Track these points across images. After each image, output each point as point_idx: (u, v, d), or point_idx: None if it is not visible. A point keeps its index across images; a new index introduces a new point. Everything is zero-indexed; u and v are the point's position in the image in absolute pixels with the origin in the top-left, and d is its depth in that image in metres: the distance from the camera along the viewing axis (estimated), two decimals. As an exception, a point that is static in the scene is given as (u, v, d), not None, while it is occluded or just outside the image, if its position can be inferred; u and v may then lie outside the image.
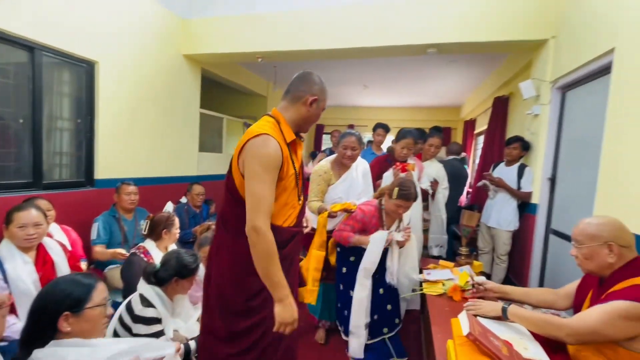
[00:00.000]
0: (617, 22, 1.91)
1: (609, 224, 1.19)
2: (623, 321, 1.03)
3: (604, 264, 1.18)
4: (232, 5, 3.70)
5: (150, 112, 3.49)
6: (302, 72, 1.31)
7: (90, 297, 1.03)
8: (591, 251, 1.19)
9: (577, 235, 1.24)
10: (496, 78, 4.64)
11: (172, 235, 2.01)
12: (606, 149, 1.92)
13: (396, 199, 1.82)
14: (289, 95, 1.28)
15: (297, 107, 1.26)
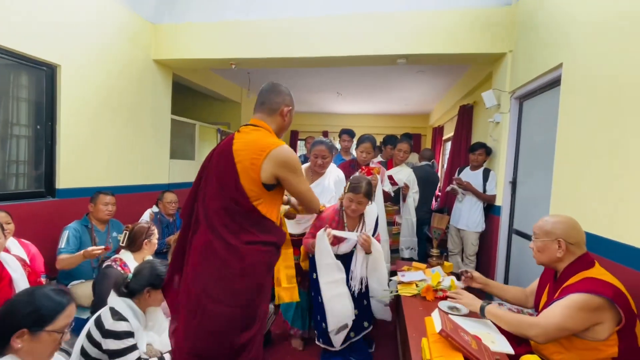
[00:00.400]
0: (565, 40, 2.11)
1: (563, 223, 1.31)
2: (582, 313, 1.12)
3: (553, 257, 1.30)
4: (205, 11, 3.67)
5: (118, 117, 3.36)
6: (270, 84, 1.40)
7: (54, 319, 0.97)
8: (544, 245, 1.31)
9: (536, 230, 1.37)
10: (461, 88, 4.92)
11: (152, 246, 1.95)
12: (558, 154, 2.10)
13: (347, 192, 1.88)
14: (265, 107, 1.37)
15: (275, 118, 1.37)
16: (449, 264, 2.15)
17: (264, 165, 1.23)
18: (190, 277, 1.27)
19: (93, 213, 2.49)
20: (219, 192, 1.27)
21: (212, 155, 1.37)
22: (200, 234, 1.28)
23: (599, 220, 1.65)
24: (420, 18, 3.17)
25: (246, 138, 1.30)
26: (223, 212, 1.25)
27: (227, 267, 1.23)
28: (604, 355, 1.12)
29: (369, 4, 3.30)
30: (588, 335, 1.15)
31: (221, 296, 1.23)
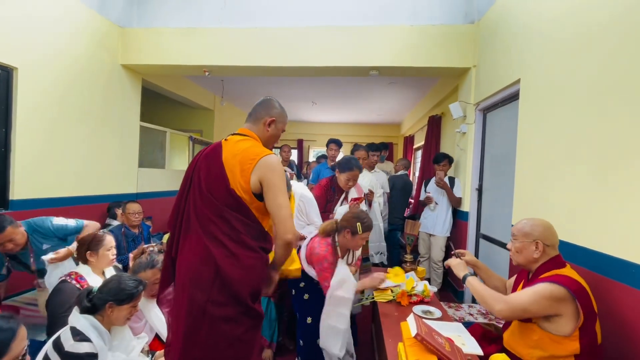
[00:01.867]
0: (522, 57, 2.29)
1: (540, 226, 1.38)
2: (545, 300, 1.20)
3: (530, 258, 1.37)
4: (176, 17, 3.61)
5: (82, 124, 3.18)
6: (264, 98, 1.47)
7: (8, 349, 0.90)
8: (522, 246, 1.38)
9: (515, 232, 1.43)
10: (430, 99, 5.15)
11: (101, 258, 1.74)
12: (519, 162, 2.25)
13: (362, 233, 1.82)
14: (251, 117, 1.44)
15: (259, 127, 1.42)
16: (422, 269, 2.21)
17: (252, 174, 1.26)
18: (189, 283, 1.25)
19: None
20: (210, 199, 1.27)
21: (197, 162, 1.36)
22: (194, 240, 1.27)
23: (558, 225, 1.78)
24: (391, 32, 3.31)
25: (235, 147, 1.32)
26: (219, 220, 1.26)
27: (226, 273, 1.23)
28: (567, 351, 1.20)
29: (343, 18, 3.40)
30: (551, 328, 1.23)
31: (226, 300, 1.24)
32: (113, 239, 1.83)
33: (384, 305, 1.74)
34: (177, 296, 1.30)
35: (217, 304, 1.23)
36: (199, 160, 1.36)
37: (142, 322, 1.64)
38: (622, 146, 1.37)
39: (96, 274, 1.73)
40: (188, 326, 1.23)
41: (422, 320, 1.12)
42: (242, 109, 7.50)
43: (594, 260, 1.49)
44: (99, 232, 1.82)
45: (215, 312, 1.22)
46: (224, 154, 1.31)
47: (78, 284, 1.64)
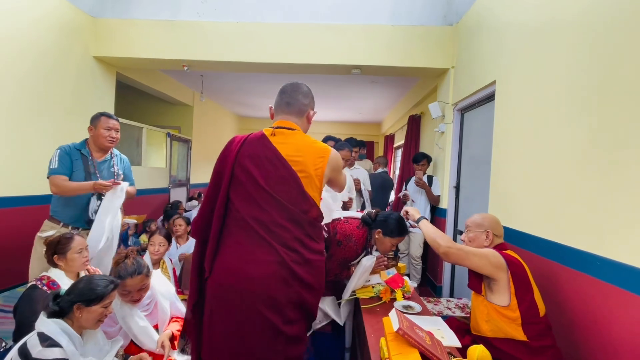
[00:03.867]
0: (498, 59, 2.37)
1: (489, 218, 1.58)
2: (484, 259, 1.38)
3: (480, 245, 1.52)
4: (153, 8, 3.48)
5: (49, 118, 3.02)
6: (295, 85, 1.32)
7: None
8: (475, 236, 1.55)
9: (469, 223, 1.61)
10: (410, 99, 5.24)
11: (71, 262, 1.62)
12: (494, 161, 2.34)
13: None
14: (292, 108, 1.28)
15: (302, 120, 1.31)
16: (402, 265, 2.25)
17: (326, 171, 1.21)
18: (257, 300, 1.11)
19: (92, 138, 2.13)
20: (281, 204, 1.15)
21: (237, 159, 1.20)
22: (259, 249, 1.14)
23: (529, 220, 1.87)
24: (373, 32, 3.34)
25: (294, 143, 1.21)
26: (291, 224, 1.15)
27: (304, 281, 1.14)
28: (511, 320, 1.33)
29: (326, 16, 3.40)
30: (494, 299, 1.38)
31: (298, 317, 1.17)
32: (84, 240, 1.72)
33: (365, 301, 1.76)
34: (232, 308, 1.13)
35: (291, 323, 1.15)
36: (240, 155, 1.20)
37: (117, 326, 1.58)
38: (588, 146, 1.45)
39: (70, 277, 1.63)
40: (257, 347, 1.11)
41: (403, 315, 1.14)
42: (222, 105, 7.35)
43: (558, 252, 1.58)
44: (67, 234, 1.70)
45: (290, 332, 1.14)
46: (282, 150, 1.18)
47: (50, 289, 1.54)
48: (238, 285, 1.13)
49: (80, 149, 2.11)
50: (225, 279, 1.15)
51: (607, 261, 1.31)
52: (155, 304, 1.71)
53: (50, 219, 2.08)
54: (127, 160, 2.37)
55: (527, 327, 1.32)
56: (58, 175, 1.97)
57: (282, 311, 1.12)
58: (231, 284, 1.14)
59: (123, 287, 1.52)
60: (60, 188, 1.97)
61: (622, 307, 1.24)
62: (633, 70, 1.25)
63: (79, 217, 2.08)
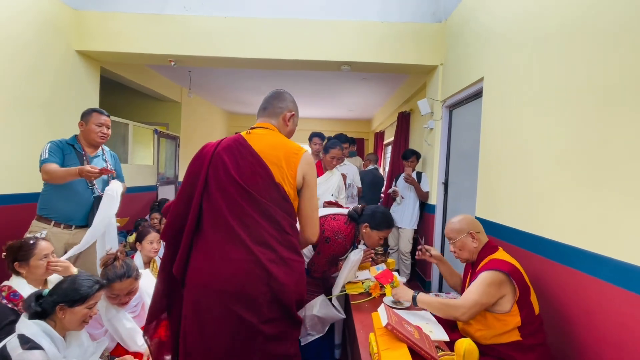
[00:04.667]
0: (485, 56, 2.39)
1: (465, 219, 1.53)
2: (490, 288, 1.31)
3: (472, 249, 1.49)
4: (138, 2, 3.39)
5: (29, 114, 2.91)
6: (275, 92, 1.39)
7: None
8: (461, 243, 1.50)
9: (449, 234, 1.55)
10: (400, 96, 5.27)
11: (34, 269, 1.52)
12: (482, 157, 2.37)
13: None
14: (267, 111, 1.34)
15: (278, 122, 1.34)
16: (391, 261, 2.26)
17: (299, 166, 1.20)
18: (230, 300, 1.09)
19: (83, 133, 2.11)
20: (252, 195, 1.13)
21: (213, 157, 1.20)
22: (232, 246, 1.12)
23: (517, 215, 1.90)
24: (362, 28, 3.33)
25: (267, 140, 1.23)
26: (265, 219, 1.13)
27: (279, 281, 1.11)
28: (511, 325, 1.32)
29: (315, 12, 3.37)
30: (497, 309, 1.34)
31: (277, 316, 1.13)
32: (49, 245, 1.61)
33: (355, 297, 1.77)
34: (205, 310, 1.11)
35: (269, 321, 1.11)
36: (216, 154, 1.20)
37: (103, 328, 1.54)
38: (571, 142, 1.48)
39: (33, 286, 1.52)
40: (235, 349, 1.09)
41: (392, 310, 1.15)
42: (211, 101, 7.26)
43: (546, 247, 1.61)
44: (30, 238, 1.58)
45: (269, 331, 1.11)
46: (256, 146, 1.19)
47: (10, 302, 1.43)
48: (212, 286, 1.11)
49: (72, 144, 2.09)
50: (199, 280, 1.14)
51: (589, 254, 1.34)
52: (142, 305, 1.68)
53: (39, 218, 2.02)
54: (117, 156, 2.37)
55: (523, 328, 1.32)
56: (49, 163, 1.93)
57: (259, 310, 1.10)
58: (205, 284, 1.12)
59: (111, 291, 1.48)
60: (50, 174, 1.92)
61: (604, 298, 1.27)
62: (617, 68, 1.28)
63: (75, 212, 2.03)
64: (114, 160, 2.30)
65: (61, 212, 2.01)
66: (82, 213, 2.05)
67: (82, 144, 2.12)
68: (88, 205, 2.06)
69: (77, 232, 2.05)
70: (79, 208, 2.05)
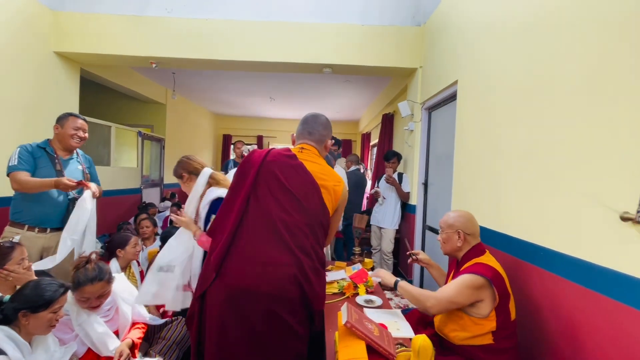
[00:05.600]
0: (459, 59, 2.46)
1: (461, 217, 1.52)
2: (468, 290, 1.33)
3: (454, 246, 1.51)
4: (119, 3, 3.37)
5: (5, 117, 2.87)
6: (315, 115, 1.46)
7: None
8: (447, 236, 1.52)
9: (441, 224, 1.58)
10: (384, 98, 5.33)
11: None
12: (456, 158, 2.43)
13: None
14: (313, 137, 1.42)
15: (321, 148, 1.44)
16: (369, 261, 2.31)
17: (341, 197, 1.34)
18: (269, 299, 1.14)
19: (57, 136, 2.09)
20: (306, 210, 1.23)
21: (263, 164, 1.27)
22: (277, 249, 1.17)
23: (485, 215, 1.96)
24: (343, 31, 3.37)
25: (317, 162, 1.34)
26: (310, 232, 1.21)
27: (313, 287, 1.20)
28: (486, 329, 1.35)
29: (297, 14, 3.40)
30: (474, 312, 1.36)
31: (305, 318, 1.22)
32: (23, 250, 1.57)
33: (329, 296, 1.80)
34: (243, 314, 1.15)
35: (302, 322, 1.21)
36: (266, 161, 1.28)
37: (73, 333, 1.53)
38: (537, 143, 1.54)
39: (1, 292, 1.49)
40: (275, 348, 1.16)
41: (354, 308, 1.18)
42: (196, 102, 7.21)
43: (512, 245, 1.67)
44: (6, 242, 1.56)
45: (300, 331, 1.20)
46: (309, 166, 1.30)
47: None
48: (253, 289, 1.14)
49: (44, 147, 2.06)
50: (238, 281, 1.16)
51: (550, 252, 1.40)
52: (115, 309, 1.67)
53: (12, 224, 1.98)
54: (91, 159, 2.34)
55: (497, 333, 1.34)
56: (19, 171, 1.90)
57: (297, 312, 1.18)
58: (246, 287, 1.15)
59: (81, 294, 1.47)
60: (22, 184, 1.89)
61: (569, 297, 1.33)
62: (577, 69, 1.34)
63: (49, 215, 2.01)
64: (89, 164, 2.28)
65: (35, 215, 1.98)
66: (56, 215, 2.03)
67: (55, 147, 2.10)
68: (63, 207, 2.04)
69: (53, 235, 2.02)
70: (54, 210, 2.02)
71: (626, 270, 1.04)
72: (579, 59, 1.28)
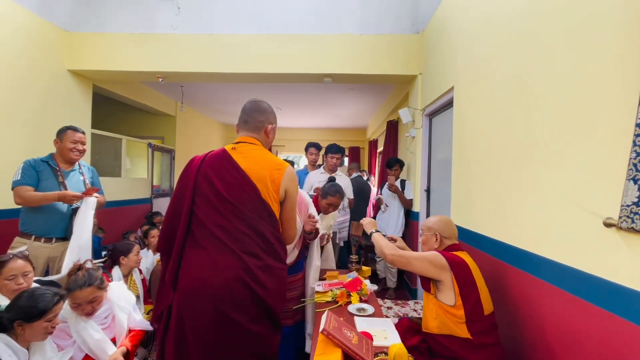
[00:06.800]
0: (455, 66, 2.45)
1: (440, 221, 1.63)
2: (426, 261, 1.43)
3: (432, 247, 1.60)
4: (127, 23, 3.54)
5: (22, 132, 3.04)
6: (253, 103, 1.42)
7: None
8: (426, 238, 1.63)
9: (422, 227, 1.70)
10: (388, 105, 5.33)
11: (2, 287, 1.51)
12: (454, 165, 2.40)
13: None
14: (249, 125, 1.39)
15: (260, 135, 1.39)
16: (367, 269, 2.29)
17: (282, 181, 1.28)
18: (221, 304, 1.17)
19: (58, 150, 2.20)
20: (242, 212, 1.21)
21: (199, 173, 1.28)
22: (223, 256, 1.19)
23: (479, 220, 1.93)
24: (342, 41, 3.42)
25: (252, 156, 1.30)
26: (253, 233, 1.21)
27: (264, 285, 1.20)
28: (456, 318, 1.38)
29: (297, 27, 3.47)
30: (441, 298, 1.43)
31: (262, 315, 1.22)
32: (22, 265, 1.60)
33: (322, 305, 1.79)
34: (197, 311, 1.17)
35: (255, 321, 1.20)
36: (202, 170, 1.28)
37: (71, 339, 1.57)
38: (527, 149, 1.52)
39: None
40: (223, 346, 1.17)
41: (334, 316, 1.18)
42: (205, 114, 7.41)
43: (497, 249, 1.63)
44: (3, 257, 1.60)
45: (255, 329, 1.20)
46: (241, 163, 1.26)
47: None
48: (203, 290, 1.17)
49: (47, 161, 2.17)
50: (190, 285, 1.20)
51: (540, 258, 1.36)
52: (112, 317, 1.72)
53: (21, 234, 2.09)
54: (94, 170, 2.44)
55: (470, 325, 1.37)
56: (21, 186, 2.01)
57: (247, 310, 1.18)
58: (196, 289, 1.18)
59: (73, 299, 1.52)
60: (24, 199, 2.00)
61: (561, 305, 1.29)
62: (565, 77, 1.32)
63: (54, 225, 2.10)
64: (92, 174, 2.37)
65: (40, 226, 2.08)
66: (60, 226, 2.12)
67: (58, 160, 2.20)
68: (66, 217, 2.13)
69: (57, 245, 2.11)
70: (57, 221, 2.12)
71: (612, 278, 1.01)
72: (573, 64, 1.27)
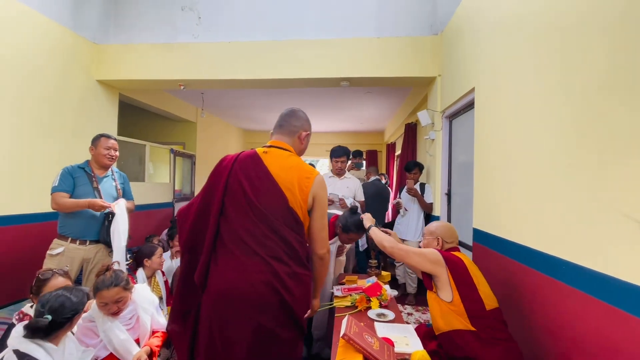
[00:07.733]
0: (476, 67, 2.39)
1: (442, 227, 1.72)
2: (422, 256, 1.49)
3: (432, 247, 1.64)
4: (151, 33, 3.69)
5: (56, 140, 3.21)
6: (290, 110, 1.46)
7: None
8: (428, 242, 1.70)
9: (425, 231, 1.78)
10: (406, 107, 5.27)
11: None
12: (476, 168, 2.33)
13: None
14: (284, 129, 1.41)
15: (294, 140, 1.41)
16: (386, 274, 2.26)
17: (311, 189, 1.28)
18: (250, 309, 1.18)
19: (93, 157, 2.34)
20: (266, 216, 1.22)
21: (231, 173, 1.29)
22: (251, 260, 1.20)
23: (503, 225, 1.86)
24: (359, 44, 3.42)
25: (284, 162, 1.30)
26: (276, 237, 1.22)
27: (292, 292, 1.20)
28: (458, 314, 1.40)
29: (313, 32, 3.50)
30: (441, 295, 1.46)
31: (288, 322, 1.22)
32: (62, 282, 1.65)
33: (341, 310, 1.78)
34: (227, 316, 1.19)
35: (284, 326, 1.21)
36: (233, 173, 1.29)
37: (98, 338, 1.62)
38: (550, 152, 1.45)
39: None
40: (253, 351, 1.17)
41: (355, 321, 1.16)
42: (224, 119, 7.57)
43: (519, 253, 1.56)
44: (46, 274, 1.66)
45: (283, 335, 1.20)
46: (271, 168, 1.27)
47: None
48: (233, 295, 1.19)
49: (83, 167, 2.31)
50: (221, 289, 1.21)
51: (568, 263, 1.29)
52: (137, 318, 1.76)
53: (59, 236, 2.22)
54: (126, 176, 2.56)
55: (474, 320, 1.38)
56: (58, 192, 2.15)
57: (276, 316, 1.19)
58: (226, 294, 1.20)
59: (100, 299, 1.58)
60: (59, 205, 2.13)
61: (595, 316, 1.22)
62: (608, 72, 1.26)
63: (88, 229, 2.21)
64: (123, 180, 2.49)
65: (75, 229, 2.20)
66: (94, 229, 2.24)
67: (93, 166, 2.34)
68: (99, 221, 2.24)
69: (91, 247, 2.23)
70: (91, 224, 2.23)
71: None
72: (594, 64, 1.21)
